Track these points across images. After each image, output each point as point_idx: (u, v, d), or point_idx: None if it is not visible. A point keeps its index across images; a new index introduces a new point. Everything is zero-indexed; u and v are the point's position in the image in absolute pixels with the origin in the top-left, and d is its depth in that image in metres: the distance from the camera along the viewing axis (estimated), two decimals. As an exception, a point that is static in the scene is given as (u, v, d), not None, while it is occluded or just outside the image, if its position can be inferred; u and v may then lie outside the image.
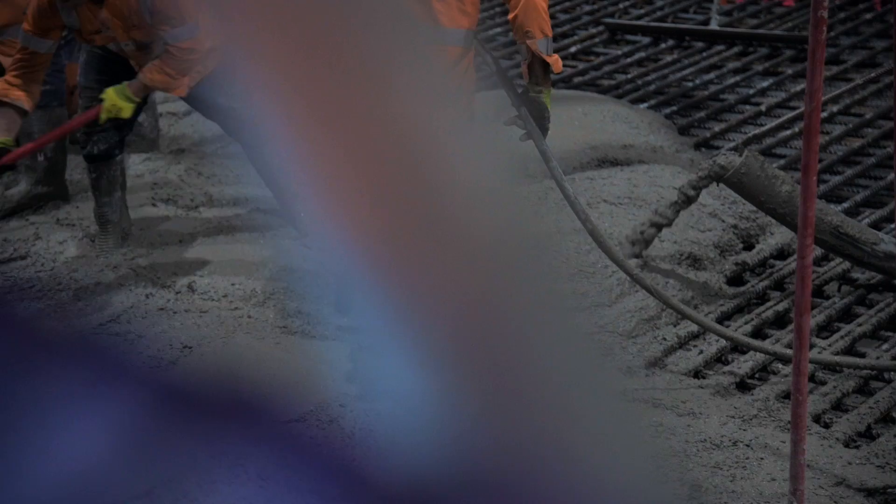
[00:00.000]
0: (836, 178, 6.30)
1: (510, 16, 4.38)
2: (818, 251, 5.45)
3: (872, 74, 7.47)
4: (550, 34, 4.37)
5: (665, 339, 4.80)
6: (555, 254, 5.09)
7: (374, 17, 0.73)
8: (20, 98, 5.13)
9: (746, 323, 4.96)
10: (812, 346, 4.76)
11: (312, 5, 0.71)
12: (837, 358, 4.65)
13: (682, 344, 4.82)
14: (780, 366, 4.67)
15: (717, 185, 5.15)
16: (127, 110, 5.15)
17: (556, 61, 4.36)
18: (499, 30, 8.65)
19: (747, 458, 4.00)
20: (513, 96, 4.52)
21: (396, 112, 0.73)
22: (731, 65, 7.91)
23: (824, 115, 6.99)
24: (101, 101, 5.17)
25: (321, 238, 0.79)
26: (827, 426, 4.30)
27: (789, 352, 4.52)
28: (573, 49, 8.28)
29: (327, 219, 0.75)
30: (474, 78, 4.52)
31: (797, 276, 3.37)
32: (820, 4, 3.26)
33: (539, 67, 4.38)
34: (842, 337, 4.85)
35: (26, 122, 5.79)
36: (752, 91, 7.48)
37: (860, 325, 4.94)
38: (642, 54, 8.13)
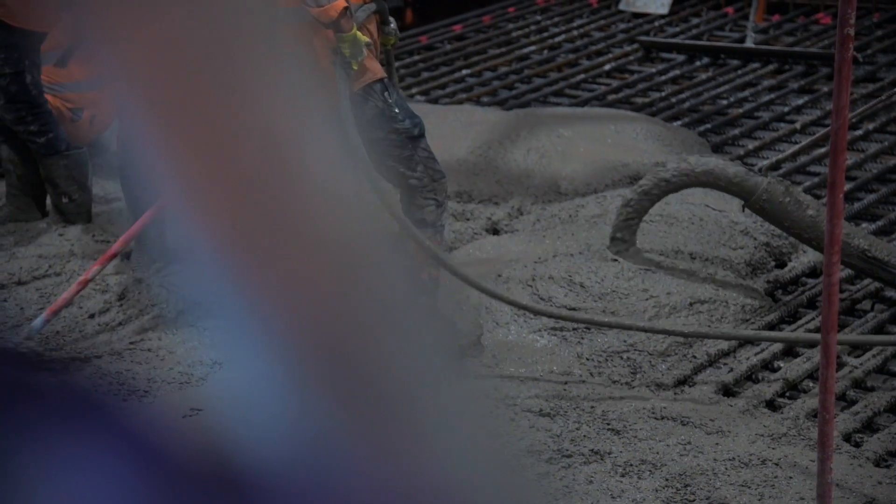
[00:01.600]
0: (871, 196, 6.27)
1: None
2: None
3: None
4: None
5: (695, 357, 4.79)
6: (587, 274, 5.09)
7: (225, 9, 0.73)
8: None
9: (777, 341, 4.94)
10: (843, 365, 4.73)
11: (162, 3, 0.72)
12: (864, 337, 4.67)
13: (713, 362, 4.81)
14: (810, 384, 4.65)
15: (743, 211, 5.14)
16: None
17: (323, 11, 4.55)
18: (533, 48, 8.66)
19: (776, 477, 3.98)
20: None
21: (254, 106, 0.74)
22: (767, 82, 7.89)
23: (859, 132, 6.96)
24: None
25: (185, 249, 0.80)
26: (857, 445, 4.28)
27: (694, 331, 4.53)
28: (607, 67, 8.28)
29: (189, 227, 0.76)
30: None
31: (823, 294, 3.36)
32: (846, 22, 3.25)
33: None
34: (874, 355, 4.82)
35: (48, 170, 5.85)
36: (787, 109, 7.46)
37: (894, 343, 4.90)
38: (677, 72, 8.13)
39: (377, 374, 0.78)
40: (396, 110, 4.74)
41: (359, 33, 4.61)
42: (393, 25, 4.86)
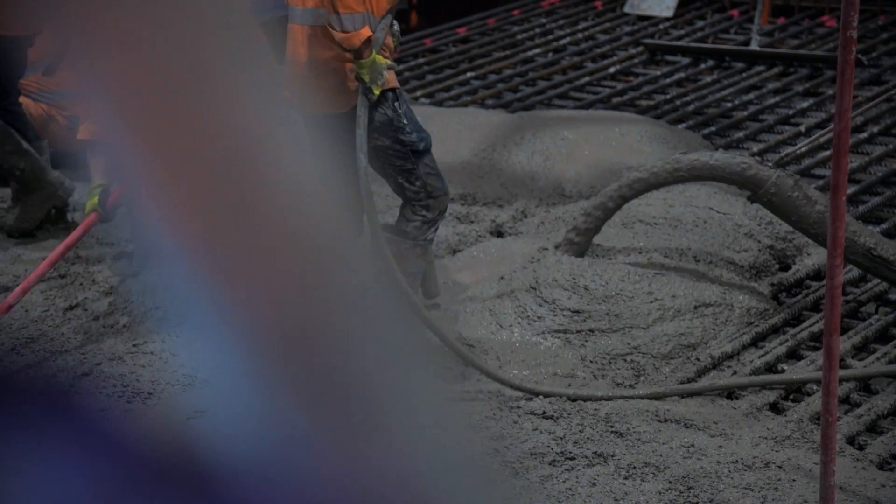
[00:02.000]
0: (875, 199, 6.27)
1: None
2: (855, 272, 5.42)
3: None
4: (344, 10, 4.56)
5: (699, 359, 4.78)
6: (592, 277, 5.08)
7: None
8: None
9: (781, 344, 4.94)
10: (847, 368, 4.73)
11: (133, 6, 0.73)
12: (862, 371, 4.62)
13: (716, 364, 4.80)
14: (814, 387, 4.64)
15: (752, 203, 5.14)
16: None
17: (346, 38, 4.54)
18: (538, 51, 8.66)
19: (779, 480, 3.97)
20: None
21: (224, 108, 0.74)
22: (771, 85, 7.89)
23: (864, 135, 6.96)
24: None
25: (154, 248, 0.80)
26: (861, 448, 4.27)
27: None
28: (612, 69, 8.28)
29: (158, 225, 0.77)
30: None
31: (826, 297, 3.36)
32: (849, 25, 3.25)
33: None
34: (878, 358, 4.82)
35: None
36: (791, 112, 7.45)
37: (897, 346, 4.90)
38: (681, 75, 8.12)
39: (343, 369, 0.79)
40: (405, 122, 4.74)
41: (378, 57, 4.60)
42: (395, 27, 4.86)
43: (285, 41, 4.90)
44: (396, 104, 4.74)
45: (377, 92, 4.63)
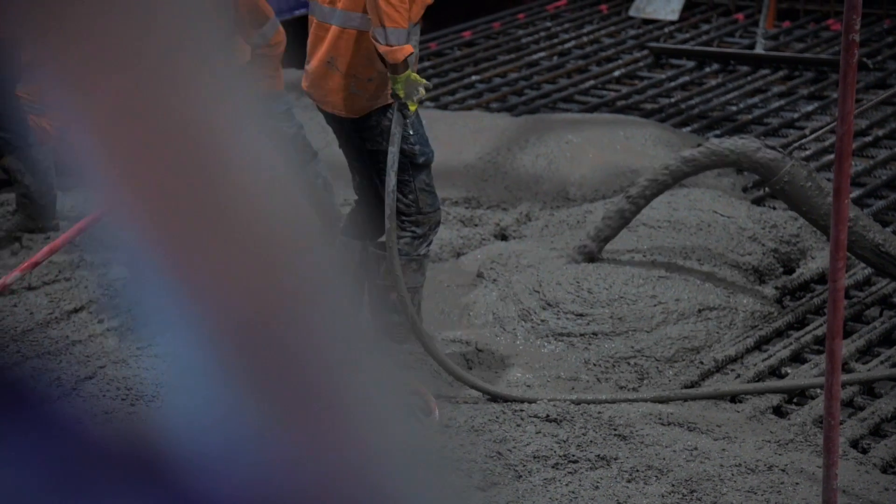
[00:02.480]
0: (880, 203, 6.27)
1: None
2: (859, 275, 5.42)
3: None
4: (390, 24, 4.44)
5: (702, 363, 4.78)
6: (596, 280, 5.08)
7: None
8: None
9: (785, 347, 4.94)
10: (851, 372, 4.72)
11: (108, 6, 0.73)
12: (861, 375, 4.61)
13: (720, 368, 4.80)
14: (817, 390, 4.64)
15: (763, 191, 5.15)
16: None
17: (390, 51, 4.45)
18: (543, 54, 8.67)
19: (782, 483, 3.97)
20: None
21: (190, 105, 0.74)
22: (776, 89, 7.89)
23: (868, 138, 6.96)
24: None
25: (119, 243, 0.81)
26: (864, 451, 4.27)
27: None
28: (617, 73, 8.29)
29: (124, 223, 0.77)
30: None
31: (829, 300, 3.36)
32: (851, 28, 3.26)
33: (381, 55, 4.53)
34: (882, 362, 4.81)
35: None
36: (796, 115, 7.45)
37: (901, 350, 4.89)
38: (686, 78, 8.13)
39: (307, 361, 0.79)
40: (410, 132, 4.70)
41: (413, 74, 4.55)
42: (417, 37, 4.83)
43: (303, 42, 4.87)
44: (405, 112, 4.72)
45: (413, 108, 4.58)
